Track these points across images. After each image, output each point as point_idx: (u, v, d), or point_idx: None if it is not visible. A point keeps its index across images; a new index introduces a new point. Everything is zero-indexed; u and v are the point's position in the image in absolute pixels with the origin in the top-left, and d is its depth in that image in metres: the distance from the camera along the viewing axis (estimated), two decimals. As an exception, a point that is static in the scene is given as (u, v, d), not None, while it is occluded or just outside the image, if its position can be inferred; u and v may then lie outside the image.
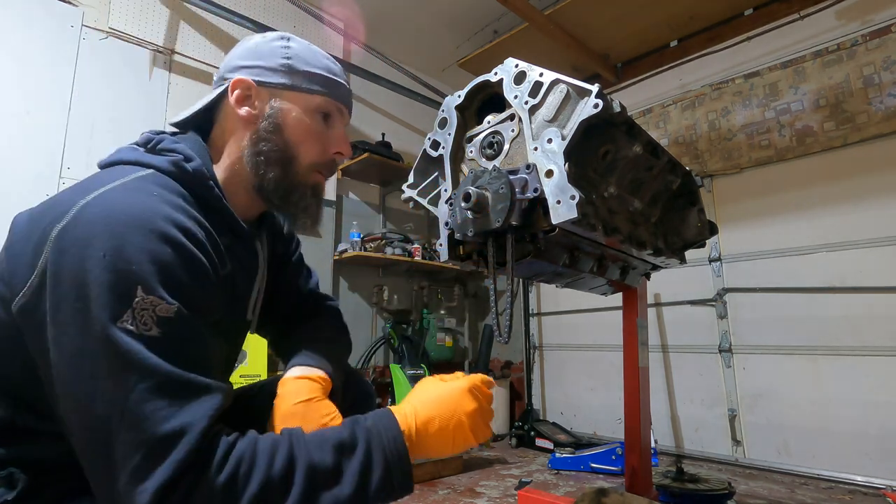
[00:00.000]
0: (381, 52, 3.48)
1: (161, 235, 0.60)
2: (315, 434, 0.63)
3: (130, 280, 0.57)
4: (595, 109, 0.94)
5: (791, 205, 2.59)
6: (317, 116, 0.83)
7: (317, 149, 0.84)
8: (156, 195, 0.65)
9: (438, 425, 0.68)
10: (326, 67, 0.86)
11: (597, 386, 3.25)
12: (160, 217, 0.61)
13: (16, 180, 2.05)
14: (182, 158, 0.73)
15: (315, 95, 0.83)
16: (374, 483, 0.61)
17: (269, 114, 0.80)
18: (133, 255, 0.58)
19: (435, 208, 1.18)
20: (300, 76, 0.82)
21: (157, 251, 0.59)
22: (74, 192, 0.64)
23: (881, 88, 2.33)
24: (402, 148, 3.46)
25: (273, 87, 0.82)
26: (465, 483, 2.22)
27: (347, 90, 0.89)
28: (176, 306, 0.59)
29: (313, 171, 0.85)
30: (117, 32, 2.41)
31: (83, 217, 0.60)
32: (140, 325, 0.56)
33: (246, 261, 0.85)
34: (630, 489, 1.48)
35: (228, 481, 0.54)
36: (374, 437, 0.63)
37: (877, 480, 2.16)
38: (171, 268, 0.60)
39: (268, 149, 0.80)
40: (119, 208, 0.61)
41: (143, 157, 0.73)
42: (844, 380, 2.32)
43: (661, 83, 3.20)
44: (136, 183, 0.67)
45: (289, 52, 0.84)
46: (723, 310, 2.74)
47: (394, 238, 3.23)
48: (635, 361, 1.53)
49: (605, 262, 1.26)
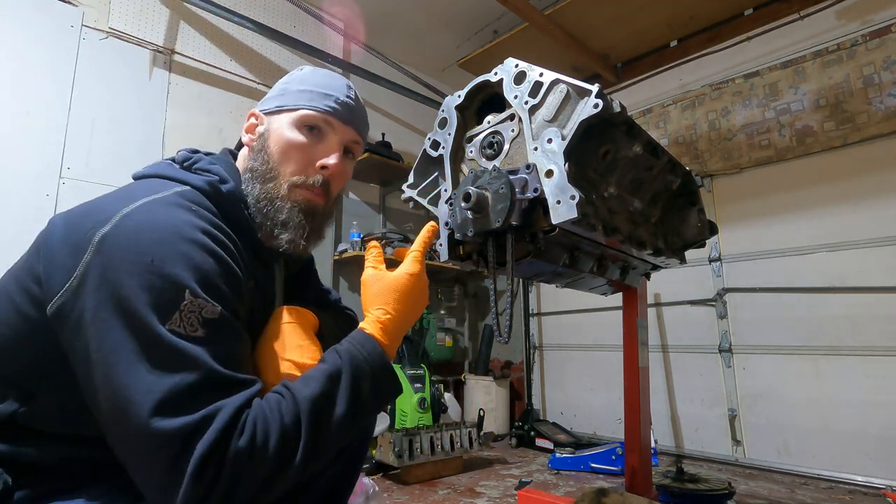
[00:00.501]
0: (381, 52, 3.48)
1: (202, 245, 0.65)
2: (305, 375, 0.68)
3: (178, 285, 0.61)
4: (595, 109, 0.94)
5: (791, 205, 2.59)
6: (302, 130, 0.82)
7: (299, 163, 0.82)
8: (193, 209, 0.70)
9: (403, 319, 0.78)
10: (320, 84, 0.85)
11: (597, 386, 3.25)
12: (199, 229, 0.66)
13: (16, 180, 2.05)
14: (218, 180, 0.78)
15: (299, 109, 0.83)
16: (364, 395, 0.68)
17: (259, 135, 0.84)
18: (179, 262, 0.62)
19: (435, 208, 1.18)
20: (291, 96, 0.84)
21: (200, 259, 0.64)
22: (117, 200, 0.67)
23: (881, 88, 2.33)
24: (402, 148, 3.46)
25: (269, 112, 0.85)
26: (465, 483, 2.22)
27: (345, 104, 0.86)
28: (220, 308, 0.63)
29: (297, 188, 0.82)
30: (117, 32, 2.41)
31: (128, 224, 0.63)
32: (187, 327, 0.60)
33: (263, 284, 0.85)
34: (630, 489, 1.48)
35: (251, 443, 0.58)
36: (355, 357, 0.70)
37: (877, 480, 2.16)
38: (211, 275, 0.64)
39: (254, 166, 0.82)
40: (162, 218, 0.65)
41: (179, 174, 0.77)
42: (844, 380, 2.32)
43: (661, 83, 3.20)
44: (174, 197, 0.70)
45: (289, 78, 0.88)
46: (723, 310, 2.74)
47: (394, 238, 3.23)
48: (635, 361, 1.53)
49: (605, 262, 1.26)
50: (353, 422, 0.67)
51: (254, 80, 2.87)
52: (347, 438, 0.69)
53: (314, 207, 0.83)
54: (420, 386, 2.83)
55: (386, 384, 0.73)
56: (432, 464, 2.26)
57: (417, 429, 2.28)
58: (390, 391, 0.74)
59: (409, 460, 2.16)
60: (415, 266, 0.81)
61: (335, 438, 0.66)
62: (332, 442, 0.66)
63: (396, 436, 2.15)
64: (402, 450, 2.14)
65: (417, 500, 1.97)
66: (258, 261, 0.82)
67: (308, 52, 2.99)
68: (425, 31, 3.50)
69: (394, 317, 0.77)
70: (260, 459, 0.58)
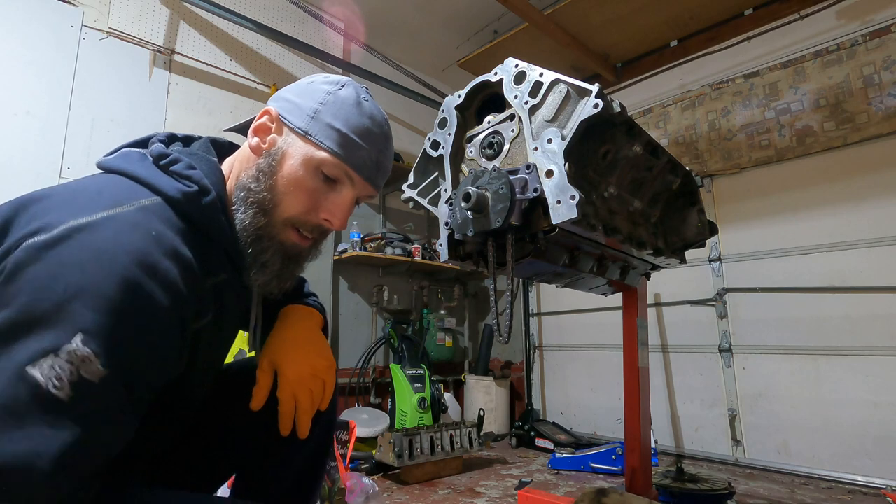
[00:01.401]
0: (381, 52, 3.48)
1: (135, 292, 0.55)
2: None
3: (75, 324, 0.50)
4: (595, 109, 0.94)
5: (791, 205, 2.59)
6: (317, 174, 0.74)
7: (303, 206, 0.75)
8: (153, 235, 0.60)
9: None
10: (358, 127, 0.76)
11: (597, 386, 3.25)
12: (143, 267, 0.56)
13: (16, 180, 2.05)
14: (197, 192, 0.69)
15: (322, 151, 0.74)
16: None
17: (272, 152, 0.75)
18: (93, 301, 0.52)
19: (435, 208, 1.18)
20: (320, 126, 0.75)
21: (124, 309, 0.53)
22: (69, 207, 0.58)
23: (881, 88, 2.33)
24: (402, 148, 3.46)
25: (291, 128, 0.76)
26: (465, 483, 2.22)
27: (374, 160, 0.78)
28: (106, 373, 0.51)
29: (290, 228, 0.75)
30: (117, 32, 2.41)
31: (65, 243, 0.54)
32: (52, 379, 0.48)
33: (242, 292, 0.80)
34: (630, 489, 1.48)
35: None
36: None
37: (877, 480, 2.16)
38: (128, 330, 0.54)
39: (254, 188, 0.74)
40: (104, 247, 0.55)
41: (152, 177, 0.68)
42: (844, 380, 2.32)
43: (661, 83, 3.20)
44: (136, 216, 0.61)
45: (326, 98, 0.77)
46: (723, 310, 2.74)
47: (394, 238, 3.23)
48: (635, 361, 1.53)
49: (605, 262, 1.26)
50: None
51: (254, 80, 2.87)
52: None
53: (299, 253, 0.78)
54: (420, 386, 2.83)
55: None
56: (432, 464, 2.26)
57: (417, 429, 2.28)
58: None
59: (409, 460, 2.16)
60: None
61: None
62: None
63: (396, 436, 2.15)
64: (402, 450, 2.14)
65: (417, 500, 1.97)
66: (236, 271, 0.76)
67: (308, 52, 2.99)
68: (425, 31, 3.50)
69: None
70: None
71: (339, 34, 3.29)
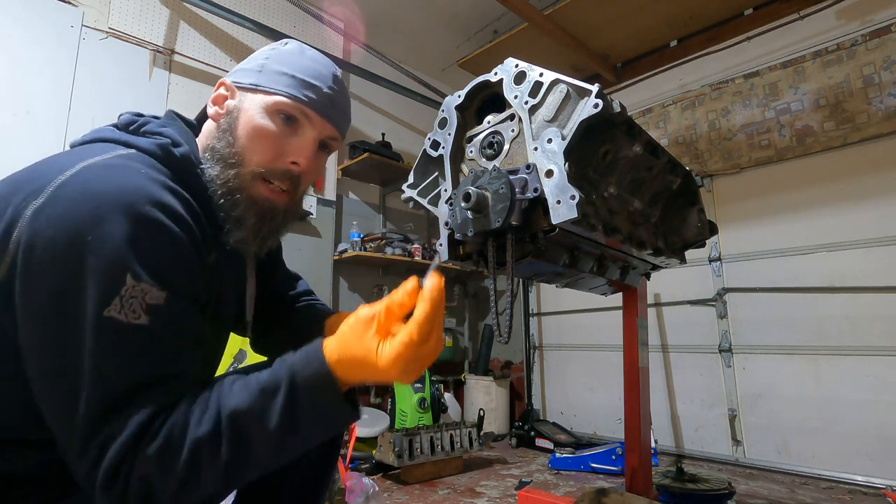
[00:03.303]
0: (381, 52, 3.48)
1: (148, 219, 0.58)
2: (244, 379, 0.60)
3: (119, 266, 0.55)
4: (595, 109, 0.94)
5: (791, 205, 2.59)
6: (275, 118, 0.75)
7: (268, 153, 0.74)
8: (142, 172, 0.62)
9: (362, 373, 0.61)
10: (305, 69, 0.77)
11: (597, 386, 3.25)
12: (146, 198, 0.59)
13: (16, 180, 2.06)
14: (169, 143, 0.70)
15: (275, 95, 0.75)
16: (303, 416, 0.58)
17: (230, 112, 0.77)
18: (120, 241, 0.55)
19: (435, 208, 1.18)
20: (268, 76, 0.76)
21: (144, 236, 0.57)
22: (51, 167, 0.60)
23: (881, 88, 2.33)
24: (402, 148, 3.46)
25: (242, 88, 0.77)
26: (465, 483, 2.22)
27: (327, 96, 0.78)
28: (166, 293, 0.57)
29: (259, 180, 0.74)
30: (117, 32, 2.41)
31: (62, 195, 0.56)
32: (129, 314, 0.54)
33: (232, 257, 0.80)
34: (630, 489, 1.48)
35: (161, 452, 0.53)
36: (298, 366, 0.60)
37: (877, 480, 2.16)
38: (158, 254, 0.58)
39: (218, 146, 0.75)
40: (102, 187, 0.57)
41: (124, 137, 0.70)
42: (844, 380, 2.32)
43: (661, 83, 3.20)
44: (118, 160, 0.63)
45: (270, 54, 0.79)
46: (723, 310, 2.74)
47: (394, 238, 3.23)
48: (635, 361, 1.53)
49: (605, 262, 1.26)
50: (282, 444, 0.59)
51: (254, 80, 2.86)
52: (278, 460, 0.60)
53: (273, 208, 0.76)
54: (420, 386, 2.83)
55: (329, 410, 0.61)
56: (432, 464, 2.26)
57: (417, 429, 2.28)
58: (335, 419, 0.62)
59: (409, 460, 2.16)
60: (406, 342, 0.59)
61: (260, 459, 0.58)
62: (257, 461, 0.58)
63: (396, 436, 2.15)
64: (402, 450, 2.14)
65: (417, 500, 1.97)
66: (221, 232, 0.75)
67: (308, 52, 2.99)
68: (425, 31, 3.50)
69: (358, 362, 0.60)
70: (169, 470, 0.53)
71: (339, 34, 3.29)
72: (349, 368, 0.60)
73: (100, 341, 0.54)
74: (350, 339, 0.60)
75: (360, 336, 0.60)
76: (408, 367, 0.59)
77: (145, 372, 0.56)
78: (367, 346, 0.59)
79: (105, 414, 0.53)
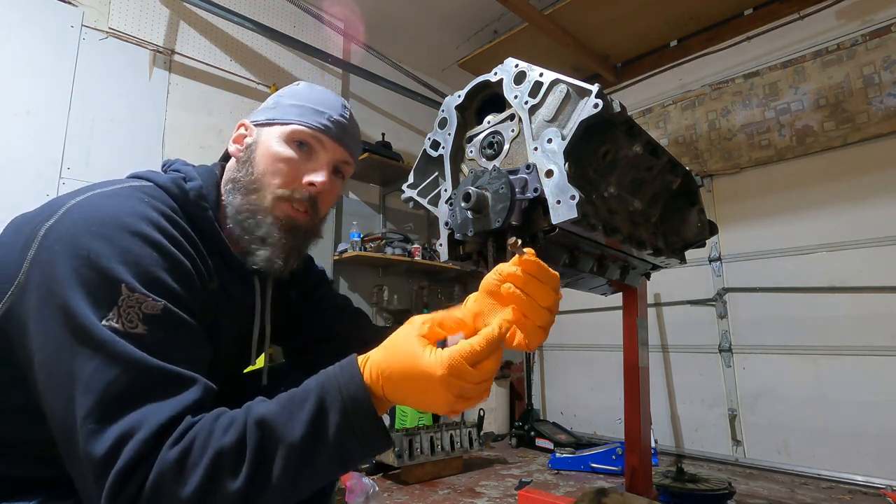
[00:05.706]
0: (381, 52, 3.48)
1: (144, 237, 0.62)
2: (280, 395, 0.60)
3: (113, 279, 0.58)
4: (595, 109, 0.94)
5: (791, 205, 2.59)
6: (291, 145, 0.81)
7: (285, 177, 0.79)
8: (145, 201, 0.67)
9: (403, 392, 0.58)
10: (315, 100, 0.84)
11: (597, 386, 3.25)
12: (143, 220, 0.63)
13: (16, 180, 2.05)
14: (182, 177, 0.76)
15: (289, 124, 0.81)
16: (330, 427, 0.56)
17: (247, 146, 0.82)
18: (115, 255, 0.59)
19: (435, 208, 1.18)
20: (282, 109, 0.83)
21: (139, 252, 0.61)
22: (68, 195, 0.66)
23: (881, 88, 2.33)
24: (402, 148, 3.46)
25: (259, 124, 0.84)
26: (465, 483, 2.22)
27: (337, 123, 0.84)
28: (162, 304, 0.60)
29: (282, 201, 0.79)
30: (117, 32, 2.41)
31: (69, 216, 0.62)
32: (126, 323, 0.57)
33: (239, 294, 0.81)
34: (630, 489, 1.48)
35: (182, 457, 0.53)
36: (331, 381, 0.59)
37: (877, 480, 2.16)
38: (152, 268, 0.61)
39: (238, 176, 0.81)
40: (103, 209, 0.63)
41: (146, 173, 0.76)
42: (844, 380, 2.32)
43: (661, 83, 3.20)
44: (128, 190, 0.69)
45: (283, 93, 0.86)
46: (723, 310, 2.74)
47: (394, 238, 3.23)
48: (635, 361, 1.53)
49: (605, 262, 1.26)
50: (309, 461, 0.56)
51: (254, 80, 2.87)
52: (305, 482, 0.57)
53: (296, 225, 0.80)
54: (420, 386, 2.83)
55: (364, 427, 0.57)
56: (432, 464, 2.26)
57: (417, 429, 2.28)
58: (369, 439, 0.58)
59: (409, 460, 2.16)
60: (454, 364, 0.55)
61: (285, 475, 0.55)
62: (281, 477, 0.55)
63: (396, 436, 2.15)
64: (402, 450, 2.14)
65: (417, 500, 1.97)
66: (229, 268, 0.79)
67: (308, 52, 2.99)
68: (425, 31, 3.50)
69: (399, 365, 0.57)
70: (189, 476, 0.52)
71: (339, 34, 3.29)
72: (387, 377, 0.57)
73: (100, 350, 0.56)
74: (394, 341, 0.59)
75: (408, 339, 0.58)
76: (460, 379, 0.54)
77: (148, 378, 0.57)
78: (412, 350, 0.56)
79: (112, 417, 0.54)
